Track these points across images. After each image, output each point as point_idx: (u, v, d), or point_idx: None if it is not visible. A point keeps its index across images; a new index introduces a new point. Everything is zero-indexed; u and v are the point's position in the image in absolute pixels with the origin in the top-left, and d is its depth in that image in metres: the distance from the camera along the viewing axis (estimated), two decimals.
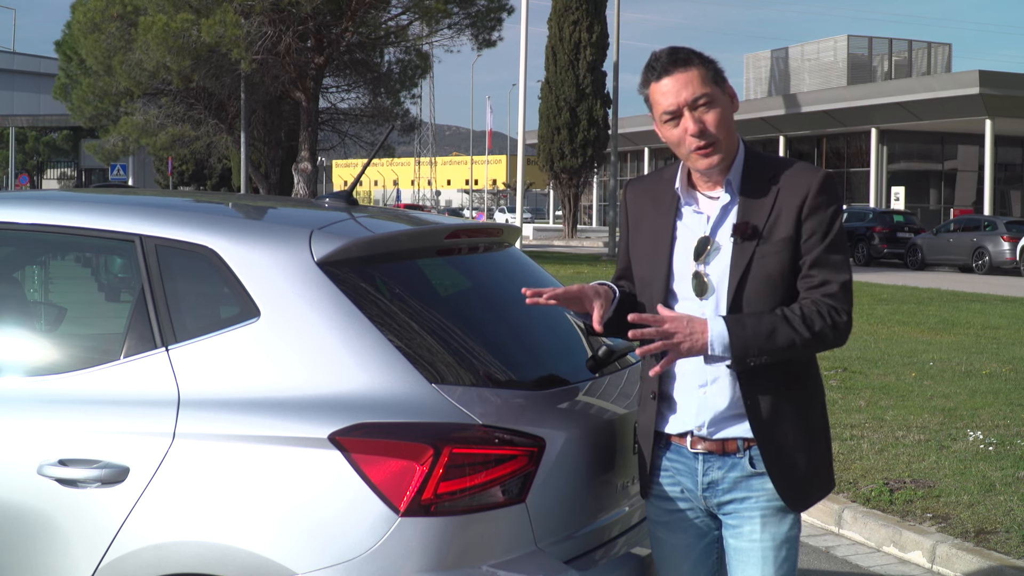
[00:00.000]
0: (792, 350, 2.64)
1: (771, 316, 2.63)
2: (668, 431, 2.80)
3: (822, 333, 2.64)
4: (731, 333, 2.59)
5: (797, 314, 2.63)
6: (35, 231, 3.19)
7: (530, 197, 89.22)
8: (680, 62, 2.68)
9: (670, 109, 2.68)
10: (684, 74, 2.67)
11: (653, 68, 2.70)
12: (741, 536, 2.75)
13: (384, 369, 2.67)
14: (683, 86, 2.66)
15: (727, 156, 2.72)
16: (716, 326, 2.60)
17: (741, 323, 2.61)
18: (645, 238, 2.84)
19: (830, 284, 2.67)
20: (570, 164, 45.28)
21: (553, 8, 45.50)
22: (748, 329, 2.60)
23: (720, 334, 2.60)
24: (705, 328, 2.60)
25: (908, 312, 16.53)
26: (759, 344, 2.60)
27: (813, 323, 2.63)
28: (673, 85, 2.67)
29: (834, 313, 2.65)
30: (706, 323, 2.60)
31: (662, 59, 2.69)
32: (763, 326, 2.61)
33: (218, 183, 48.00)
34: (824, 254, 2.67)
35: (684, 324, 2.59)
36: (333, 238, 2.87)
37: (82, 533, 2.72)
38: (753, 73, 55.14)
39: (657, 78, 2.69)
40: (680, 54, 2.69)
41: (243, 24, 25.84)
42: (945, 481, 6.24)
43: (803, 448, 2.73)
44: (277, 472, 2.60)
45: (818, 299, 2.66)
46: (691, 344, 2.59)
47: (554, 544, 2.73)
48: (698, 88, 2.66)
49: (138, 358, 2.82)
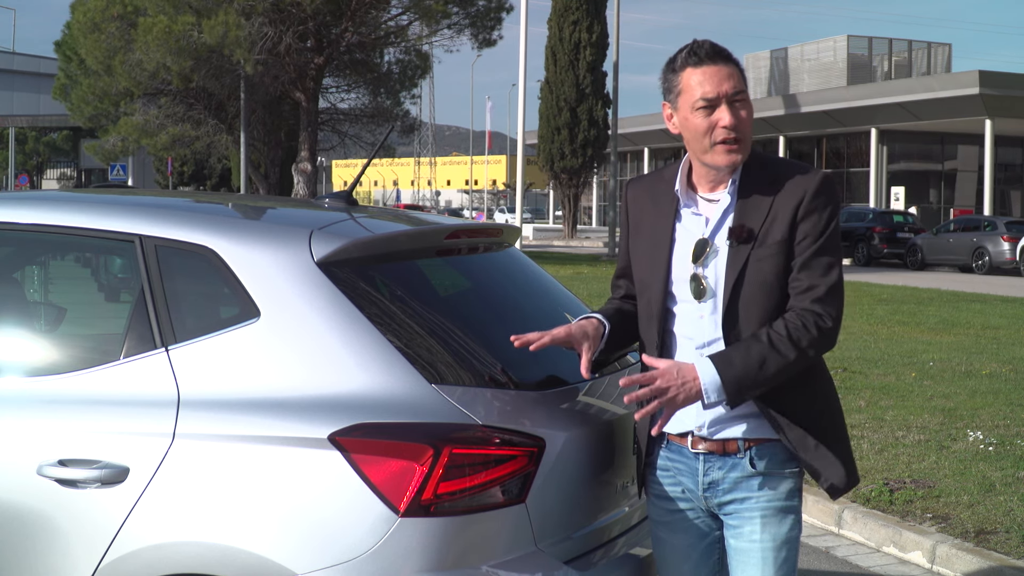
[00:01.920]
0: (784, 373, 2.62)
1: (758, 345, 2.59)
2: (668, 430, 2.79)
3: (810, 346, 2.62)
4: (722, 376, 2.57)
5: (783, 334, 2.60)
6: (35, 231, 3.19)
7: (530, 197, 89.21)
8: (723, 55, 2.69)
9: (709, 96, 2.66)
10: (726, 67, 2.68)
11: (695, 54, 2.68)
12: (741, 536, 2.75)
13: (384, 369, 2.67)
14: (726, 77, 2.67)
15: (745, 158, 2.72)
16: (706, 372, 2.58)
17: (729, 362, 2.58)
18: (644, 239, 2.84)
19: (817, 288, 2.64)
20: (570, 164, 45.29)
21: (553, 8, 45.50)
22: (738, 366, 2.57)
23: (712, 380, 2.57)
24: (695, 375, 2.58)
25: (908, 312, 16.53)
26: (752, 378, 2.58)
27: (800, 340, 2.60)
28: (717, 74, 2.67)
29: (819, 320, 2.62)
30: (695, 369, 2.58)
31: (706, 47, 2.69)
32: (752, 359, 2.58)
33: (218, 183, 48.01)
34: (813, 257, 2.64)
35: (675, 376, 2.57)
36: (333, 238, 2.87)
37: (82, 533, 2.72)
38: (753, 73, 55.10)
39: (698, 64, 2.68)
40: (722, 48, 2.71)
41: (244, 25, 25.83)
42: (945, 481, 6.24)
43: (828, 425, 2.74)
44: (277, 472, 2.60)
45: (802, 309, 2.63)
46: (686, 394, 2.58)
47: (554, 544, 2.73)
48: (739, 83, 2.68)
49: (138, 358, 2.82)
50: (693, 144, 2.72)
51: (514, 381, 2.84)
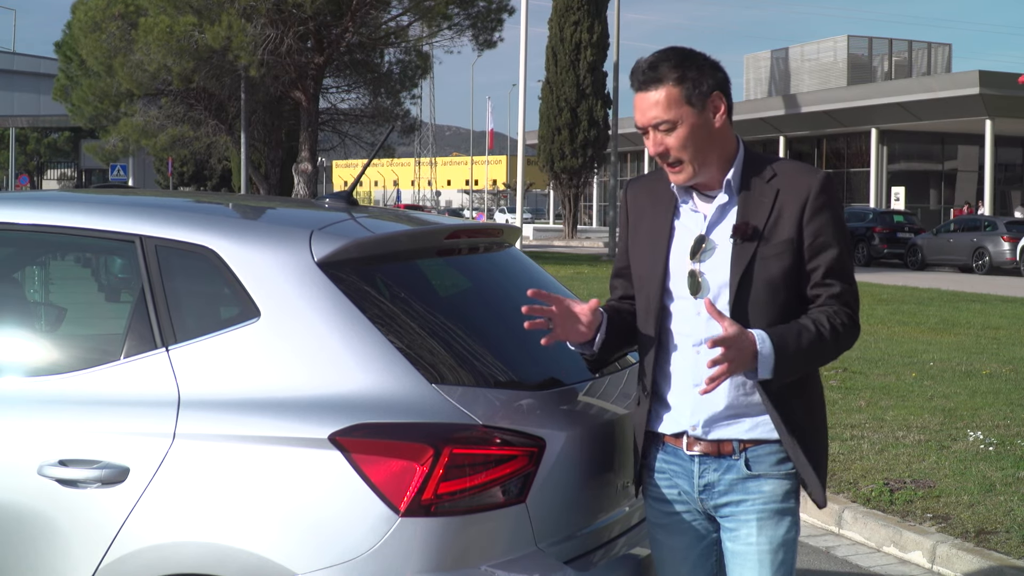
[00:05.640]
0: (818, 366, 2.71)
1: (808, 333, 2.62)
2: (662, 431, 2.80)
3: (845, 345, 2.71)
4: (777, 358, 2.58)
5: (827, 327, 2.65)
6: (35, 231, 3.19)
7: (530, 197, 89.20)
8: (651, 81, 2.67)
9: (639, 125, 2.73)
10: (652, 93, 2.67)
11: (632, 78, 2.72)
12: (738, 539, 2.75)
13: (384, 369, 2.67)
14: (649, 107, 2.68)
15: (704, 169, 2.71)
16: (764, 348, 2.58)
17: (784, 343, 2.59)
18: (643, 237, 2.85)
19: (847, 291, 2.70)
20: (570, 164, 45.27)
21: (554, 8, 45.49)
22: (791, 350, 2.60)
23: (767, 359, 2.58)
24: (755, 348, 2.57)
25: (908, 312, 16.53)
26: (799, 365, 2.63)
27: (839, 337, 2.67)
28: (640, 104, 2.70)
29: (849, 320, 2.70)
30: (755, 343, 2.57)
31: (637, 74, 2.70)
32: (803, 345, 2.61)
33: (218, 184, 48.02)
34: (838, 260, 2.68)
35: (741, 345, 2.55)
36: (333, 238, 2.87)
37: (82, 533, 2.72)
38: (753, 73, 55.10)
39: (636, 90, 2.72)
40: (656, 71, 2.67)
41: (248, 29, 25.83)
42: (945, 481, 6.24)
43: (820, 436, 2.76)
44: (277, 473, 2.60)
45: (840, 308, 2.69)
46: (741, 366, 2.57)
47: (554, 544, 2.73)
48: (661, 112, 2.66)
49: (138, 358, 2.83)
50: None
51: (514, 381, 2.84)
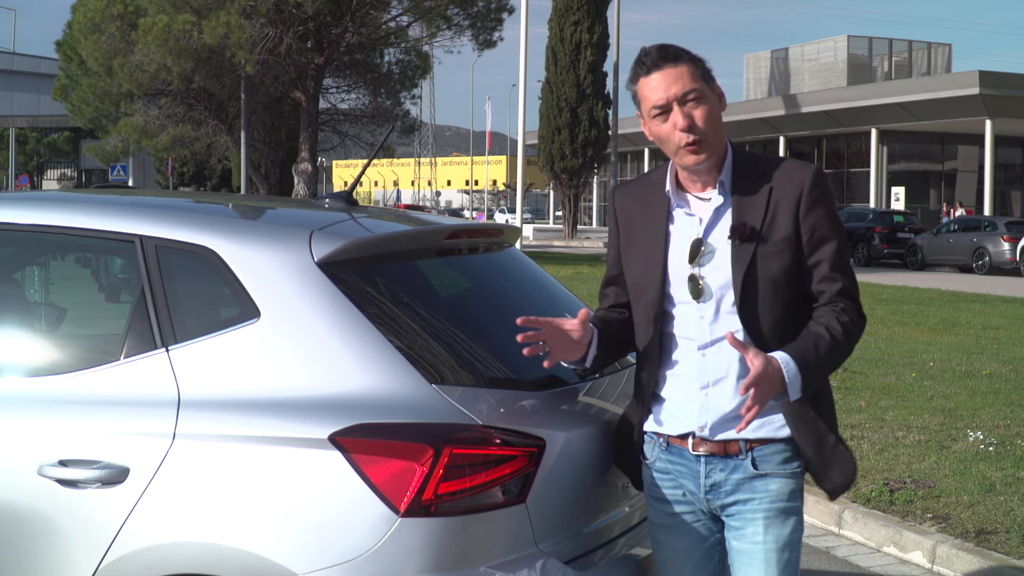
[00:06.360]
0: (840, 365, 2.72)
1: (825, 343, 2.62)
2: (667, 432, 2.79)
3: (857, 338, 2.71)
4: (803, 378, 2.57)
5: (838, 329, 2.65)
6: (35, 231, 3.18)
7: (530, 198, 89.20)
8: (670, 58, 2.69)
9: (659, 103, 2.68)
10: (674, 69, 2.67)
11: (642, 63, 2.70)
12: (744, 538, 2.74)
13: (384, 369, 2.67)
14: (673, 81, 2.67)
15: (714, 154, 2.71)
16: (790, 372, 2.56)
17: (806, 361, 2.58)
18: (638, 243, 2.83)
19: (849, 284, 2.71)
20: (570, 164, 45.25)
21: (554, 8, 45.47)
22: (813, 365, 2.60)
23: (794, 381, 2.57)
24: (782, 375, 2.55)
25: (908, 312, 16.53)
26: (821, 376, 2.64)
27: (853, 336, 2.68)
28: (663, 80, 2.67)
29: (856, 315, 2.71)
30: (780, 369, 2.55)
31: (651, 54, 2.69)
32: (822, 356, 2.61)
33: (218, 184, 48.01)
34: (838, 256, 2.69)
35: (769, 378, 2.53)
36: (333, 238, 2.87)
37: (82, 534, 2.72)
38: (753, 73, 55.11)
39: (647, 73, 2.69)
40: (669, 50, 2.70)
41: (246, 26, 25.82)
42: (945, 481, 6.24)
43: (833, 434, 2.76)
44: (277, 473, 2.60)
45: (846, 304, 2.69)
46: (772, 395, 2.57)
47: (554, 544, 2.73)
48: (688, 83, 2.67)
49: (138, 358, 2.82)
50: (665, 149, 2.75)
51: (514, 381, 2.84)
